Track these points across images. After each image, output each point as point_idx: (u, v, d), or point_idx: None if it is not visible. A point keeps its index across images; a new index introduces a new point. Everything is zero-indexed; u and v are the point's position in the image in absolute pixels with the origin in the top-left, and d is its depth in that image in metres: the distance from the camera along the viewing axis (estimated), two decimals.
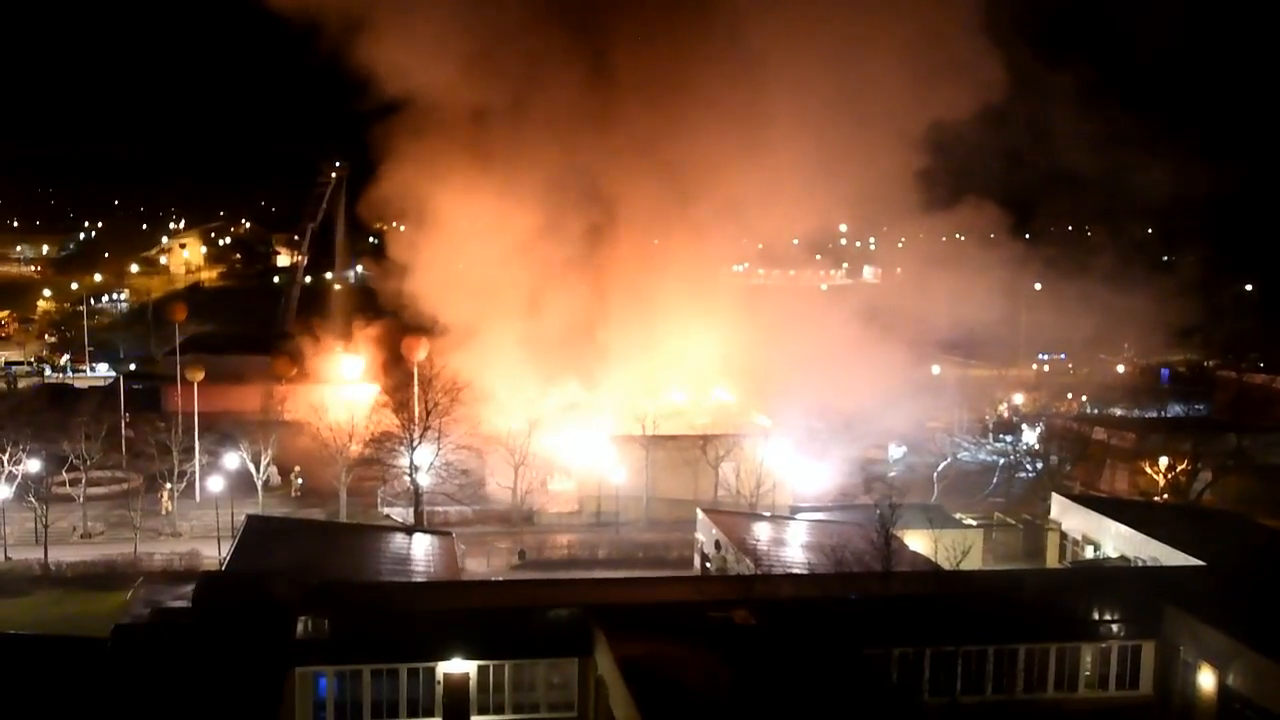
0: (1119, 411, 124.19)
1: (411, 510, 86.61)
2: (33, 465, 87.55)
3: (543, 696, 54.70)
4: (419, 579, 68.01)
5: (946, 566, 58.70)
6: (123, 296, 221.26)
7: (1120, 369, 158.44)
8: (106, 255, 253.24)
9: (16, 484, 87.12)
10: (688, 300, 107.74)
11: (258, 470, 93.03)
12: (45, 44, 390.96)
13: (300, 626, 53.18)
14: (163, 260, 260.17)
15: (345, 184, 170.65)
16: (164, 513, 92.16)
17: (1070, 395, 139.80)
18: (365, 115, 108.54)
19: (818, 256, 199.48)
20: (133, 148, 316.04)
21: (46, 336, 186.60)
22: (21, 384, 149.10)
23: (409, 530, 79.54)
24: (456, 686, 53.77)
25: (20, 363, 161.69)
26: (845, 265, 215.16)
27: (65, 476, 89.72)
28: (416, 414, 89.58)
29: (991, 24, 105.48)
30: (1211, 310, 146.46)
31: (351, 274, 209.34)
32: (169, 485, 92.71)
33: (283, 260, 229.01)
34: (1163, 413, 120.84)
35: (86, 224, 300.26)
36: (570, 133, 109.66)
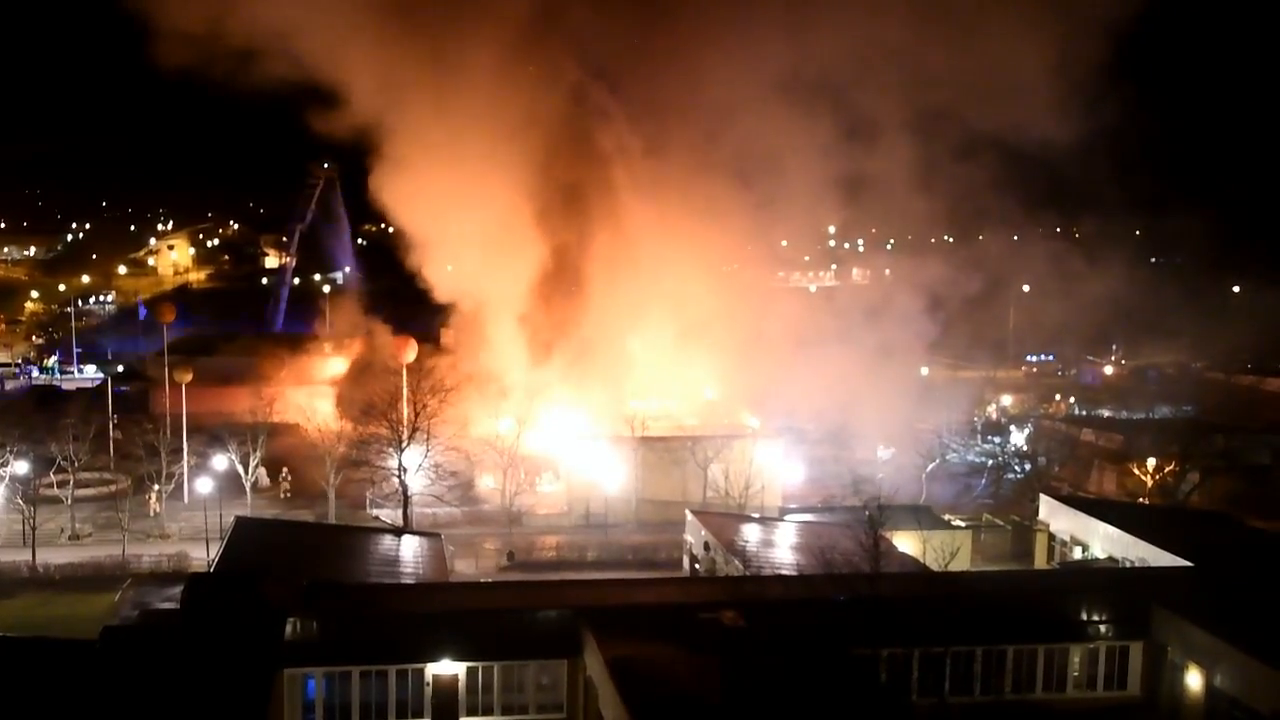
0: (1107, 413, 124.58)
1: (400, 512, 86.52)
2: (20, 467, 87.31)
3: (532, 698, 54.65)
4: (408, 580, 67.93)
5: (935, 568, 58.70)
6: (110, 298, 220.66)
7: (1108, 370, 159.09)
8: (94, 257, 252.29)
9: (4, 485, 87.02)
10: (678, 301, 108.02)
11: (246, 472, 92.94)
12: (31, 44, 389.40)
13: (289, 628, 53.06)
14: (151, 261, 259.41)
15: (337, 184, 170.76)
16: (152, 514, 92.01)
17: (1058, 397, 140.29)
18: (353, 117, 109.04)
19: (806, 258, 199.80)
20: (121, 149, 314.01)
21: (34, 338, 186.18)
22: (8, 385, 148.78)
23: (398, 532, 79.39)
24: (445, 688, 53.73)
25: (7, 364, 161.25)
26: (834, 267, 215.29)
27: (53, 478, 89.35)
28: (405, 415, 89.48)
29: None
30: (1200, 312, 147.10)
31: (340, 275, 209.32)
32: (157, 487, 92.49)
33: (271, 262, 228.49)
34: (1150, 414, 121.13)
35: (74, 225, 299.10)
36: (564, 131, 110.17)
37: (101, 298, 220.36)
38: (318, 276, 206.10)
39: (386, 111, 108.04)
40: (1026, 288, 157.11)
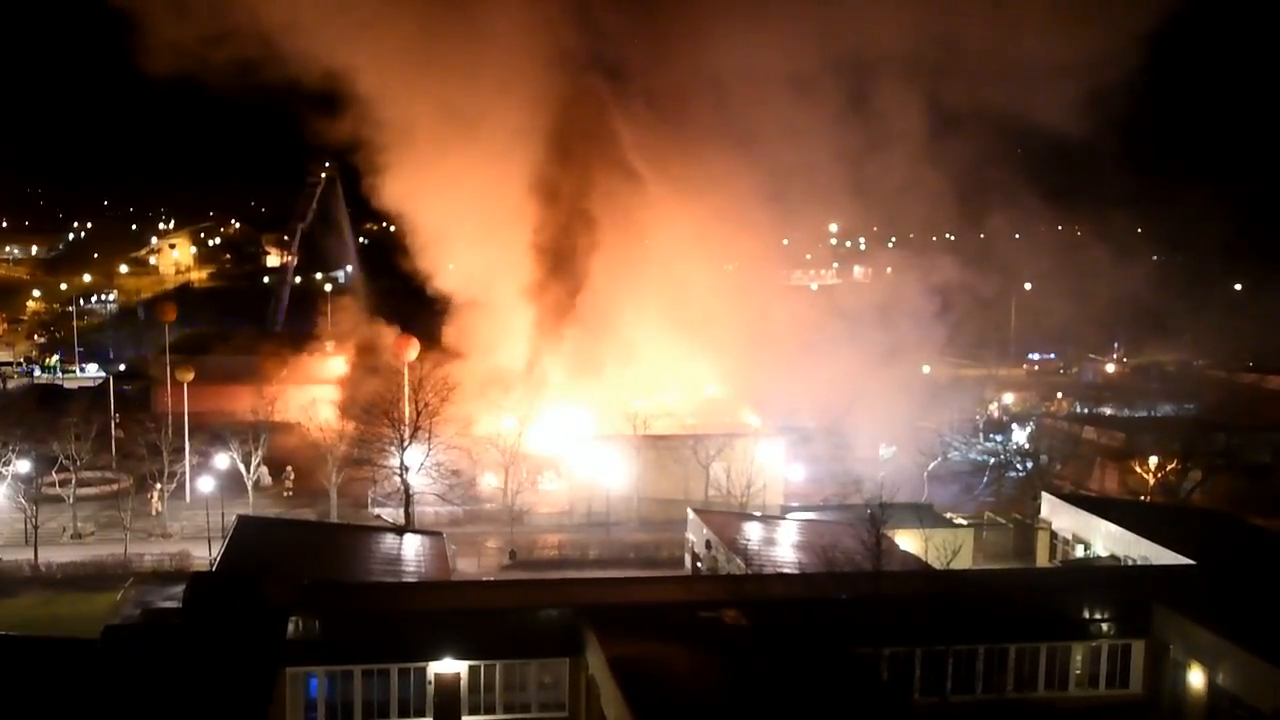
0: (1109, 411, 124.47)
1: (402, 510, 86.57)
2: (22, 466, 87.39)
3: (534, 696, 54.66)
4: (410, 579, 67.95)
5: (937, 566, 58.74)
6: (112, 297, 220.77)
7: (1110, 368, 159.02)
8: (96, 256, 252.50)
9: (6, 485, 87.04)
10: (680, 299, 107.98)
11: (248, 471, 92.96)
12: (33, 43, 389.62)
13: (291, 627, 53.10)
14: (152, 261, 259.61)
15: (338, 183, 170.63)
16: (154, 513, 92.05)
17: (1060, 395, 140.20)
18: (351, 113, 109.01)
19: (808, 256, 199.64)
20: (122, 148, 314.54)
21: (36, 337, 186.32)
22: (11, 385, 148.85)
23: (400, 530, 79.42)
24: (447, 687, 53.74)
25: (9, 363, 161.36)
26: (836, 265, 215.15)
27: (55, 477, 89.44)
28: (407, 414, 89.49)
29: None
30: (1201, 310, 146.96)
31: (341, 274, 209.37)
32: (159, 486, 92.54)
33: (272, 260, 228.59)
34: (1152, 412, 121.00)
35: (75, 224, 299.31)
36: (561, 130, 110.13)
37: (103, 297, 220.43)
38: (319, 275, 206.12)
39: (386, 107, 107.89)
40: (1028, 286, 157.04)
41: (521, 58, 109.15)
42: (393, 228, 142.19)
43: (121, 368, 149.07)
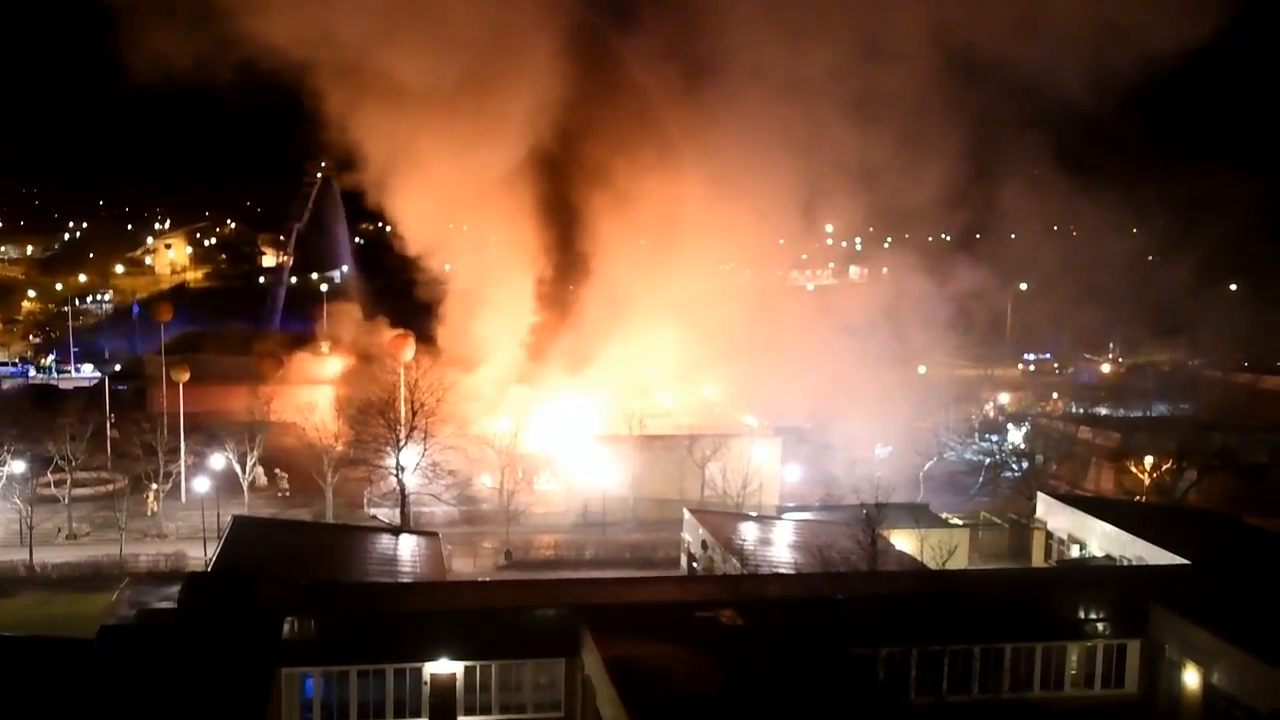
0: (1104, 411, 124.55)
1: (398, 511, 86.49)
2: (18, 466, 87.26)
3: (529, 697, 54.64)
4: (406, 579, 67.96)
5: (932, 566, 58.77)
6: (107, 297, 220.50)
7: (1105, 369, 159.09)
8: (91, 256, 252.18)
9: (1, 485, 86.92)
10: (675, 300, 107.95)
11: (243, 471, 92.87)
12: (29, 44, 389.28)
13: (287, 627, 53.02)
14: (148, 261, 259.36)
15: (334, 183, 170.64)
16: (149, 514, 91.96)
17: (1055, 395, 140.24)
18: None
19: (803, 256, 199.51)
20: (118, 147, 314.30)
21: (31, 337, 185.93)
22: (6, 385, 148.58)
23: (395, 531, 79.39)
24: (443, 687, 53.72)
25: (4, 363, 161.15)
26: (831, 265, 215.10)
27: (50, 477, 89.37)
28: (402, 414, 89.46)
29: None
30: (1197, 310, 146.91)
31: (337, 274, 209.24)
32: (154, 486, 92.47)
33: (268, 261, 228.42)
34: (1147, 412, 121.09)
35: (71, 224, 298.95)
36: (560, 128, 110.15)
37: (99, 297, 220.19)
38: (315, 275, 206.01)
39: (384, 98, 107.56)
40: (1024, 286, 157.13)
41: (523, 51, 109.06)
42: (388, 227, 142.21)
43: (117, 368, 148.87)
